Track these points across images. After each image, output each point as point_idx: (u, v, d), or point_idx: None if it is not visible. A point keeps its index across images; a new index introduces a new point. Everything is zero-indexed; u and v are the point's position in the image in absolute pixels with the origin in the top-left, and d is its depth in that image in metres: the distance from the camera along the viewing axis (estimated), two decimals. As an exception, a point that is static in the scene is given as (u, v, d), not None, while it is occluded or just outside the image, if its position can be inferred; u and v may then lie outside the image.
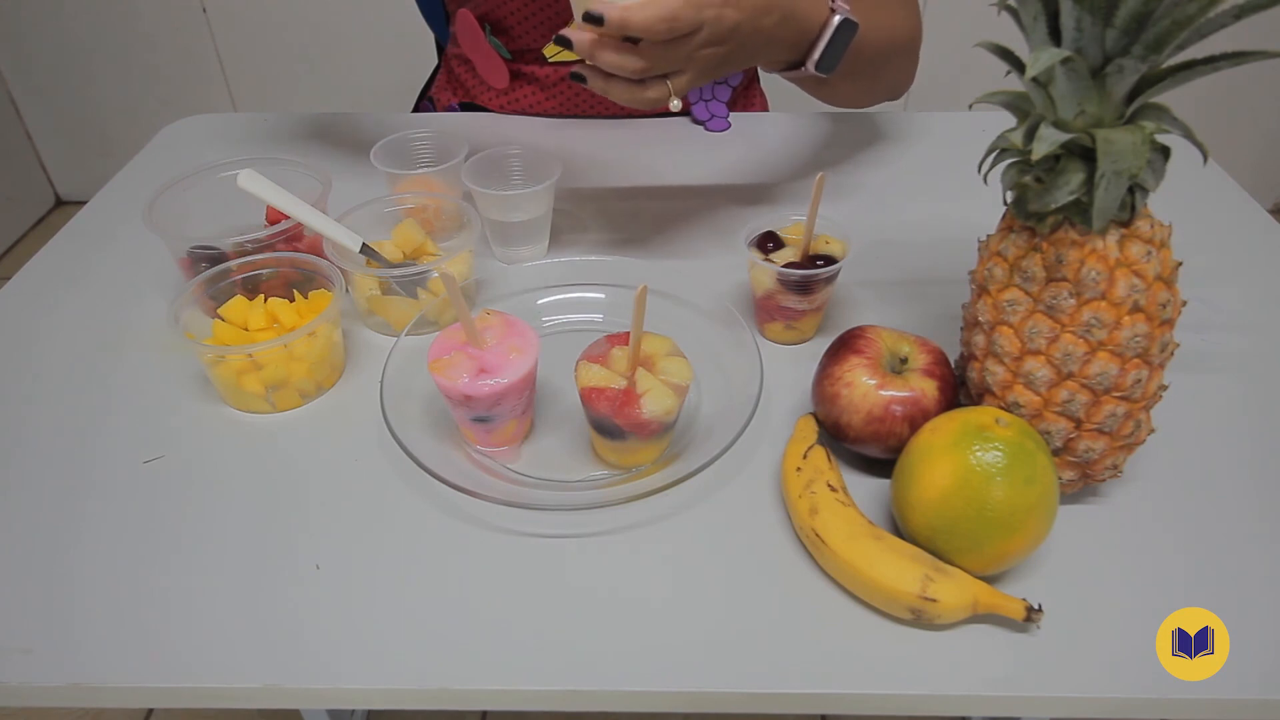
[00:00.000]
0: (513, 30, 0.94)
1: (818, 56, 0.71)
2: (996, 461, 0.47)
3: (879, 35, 0.78)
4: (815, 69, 0.71)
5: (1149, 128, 0.46)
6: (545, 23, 0.92)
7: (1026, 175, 0.50)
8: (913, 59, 0.89)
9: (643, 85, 0.60)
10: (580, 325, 0.71)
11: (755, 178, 0.90)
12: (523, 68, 0.98)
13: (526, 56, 0.97)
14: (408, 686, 0.48)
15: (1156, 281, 0.49)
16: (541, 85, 0.99)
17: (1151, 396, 0.52)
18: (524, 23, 0.93)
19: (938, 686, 0.47)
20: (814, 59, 0.71)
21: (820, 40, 0.70)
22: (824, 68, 0.72)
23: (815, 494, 0.53)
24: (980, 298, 0.54)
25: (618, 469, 0.59)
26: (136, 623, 0.50)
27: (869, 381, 0.56)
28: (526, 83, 0.99)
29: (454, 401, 0.57)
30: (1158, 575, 0.52)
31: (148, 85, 2.23)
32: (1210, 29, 0.43)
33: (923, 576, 0.48)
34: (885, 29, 0.80)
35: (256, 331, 0.65)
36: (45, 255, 0.82)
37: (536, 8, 0.91)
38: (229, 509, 0.57)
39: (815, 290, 0.66)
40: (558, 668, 0.48)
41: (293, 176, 0.74)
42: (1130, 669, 0.47)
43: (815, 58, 0.71)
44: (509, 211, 0.76)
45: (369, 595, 0.52)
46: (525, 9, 0.92)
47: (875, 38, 0.77)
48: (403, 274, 0.69)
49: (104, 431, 0.63)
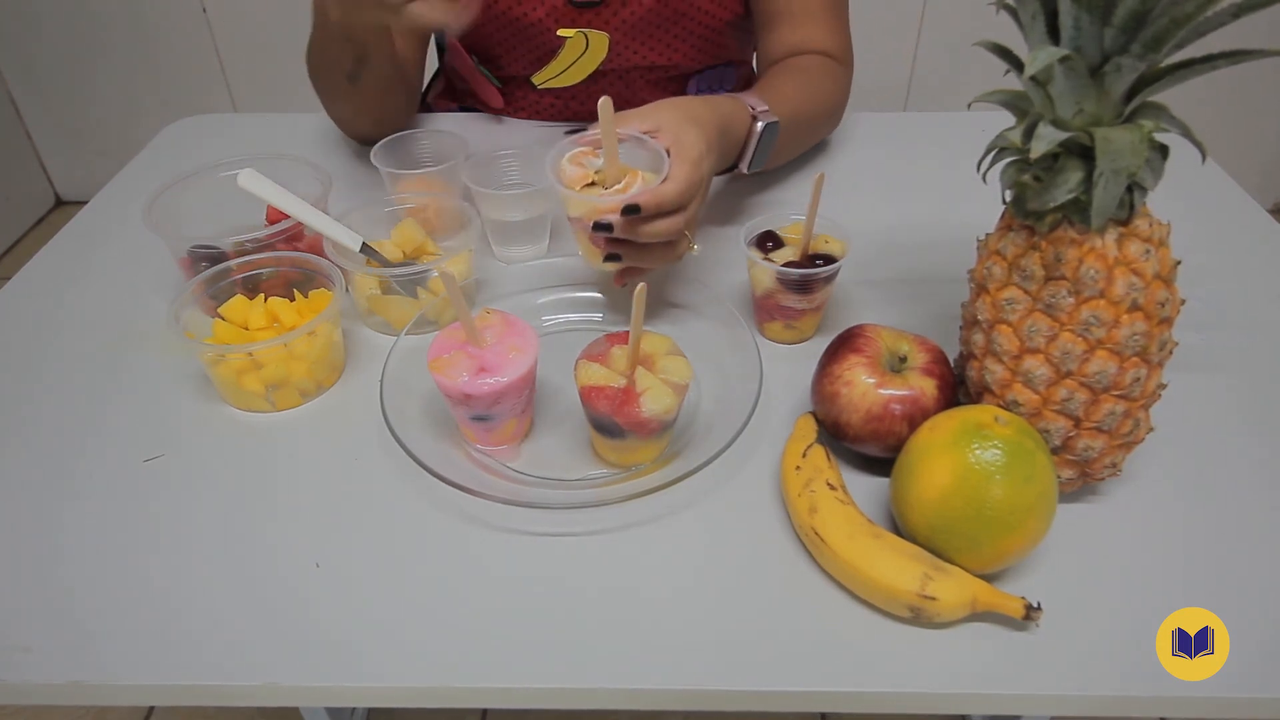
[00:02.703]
0: (500, 60, 0.96)
1: (749, 160, 0.78)
2: (995, 460, 0.47)
3: (808, 117, 0.87)
4: (748, 170, 0.79)
5: (1147, 126, 0.46)
6: (529, 54, 0.94)
7: (1025, 174, 0.50)
8: (835, 121, 0.96)
9: (673, 244, 0.66)
10: (580, 325, 0.71)
11: (755, 178, 0.90)
12: (515, 91, 1.00)
13: (517, 82, 0.98)
14: (407, 684, 0.48)
15: (1155, 280, 0.49)
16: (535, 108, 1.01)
17: (1150, 395, 0.52)
18: (509, 54, 0.95)
19: (937, 684, 0.47)
20: (746, 161, 0.79)
21: (749, 147, 0.78)
22: (755, 167, 0.79)
23: (815, 493, 0.53)
24: (979, 296, 0.54)
25: (617, 468, 0.59)
26: (136, 621, 0.50)
27: (868, 380, 0.56)
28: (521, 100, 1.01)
29: (454, 400, 0.57)
30: (1157, 574, 0.52)
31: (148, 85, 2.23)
32: (1208, 28, 0.43)
33: (922, 575, 0.48)
34: (813, 109, 0.87)
35: (256, 331, 0.65)
36: (45, 255, 0.82)
37: (519, 40, 0.93)
38: (229, 508, 0.57)
39: (814, 289, 0.66)
40: (557, 666, 0.48)
41: (293, 176, 0.74)
42: (1129, 667, 0.47)
43: (748, 161, 0.78)
44: (509, 211, 0.76)
45: (368, 593, 0.52)
46: (509, 41, 0.94)
47: (804, 120, 0.85)
48: (403, 273, 0.69)
49: (104, 430, 0.63)
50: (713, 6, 0.91)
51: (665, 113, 0.67)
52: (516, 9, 0.90)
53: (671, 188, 0.62)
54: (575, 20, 0.90)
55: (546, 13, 0.89)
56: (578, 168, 0.65)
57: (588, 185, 0.64)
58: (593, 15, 0.90)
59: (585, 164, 0.65)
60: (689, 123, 0.66)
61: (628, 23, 0.90)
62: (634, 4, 0.89)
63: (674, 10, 0.90)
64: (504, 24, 0.92)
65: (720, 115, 0.71)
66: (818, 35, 0.90)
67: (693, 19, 0.92)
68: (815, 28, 0.90)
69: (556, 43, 0.91)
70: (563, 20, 0.90)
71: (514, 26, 0.91)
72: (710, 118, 0.69)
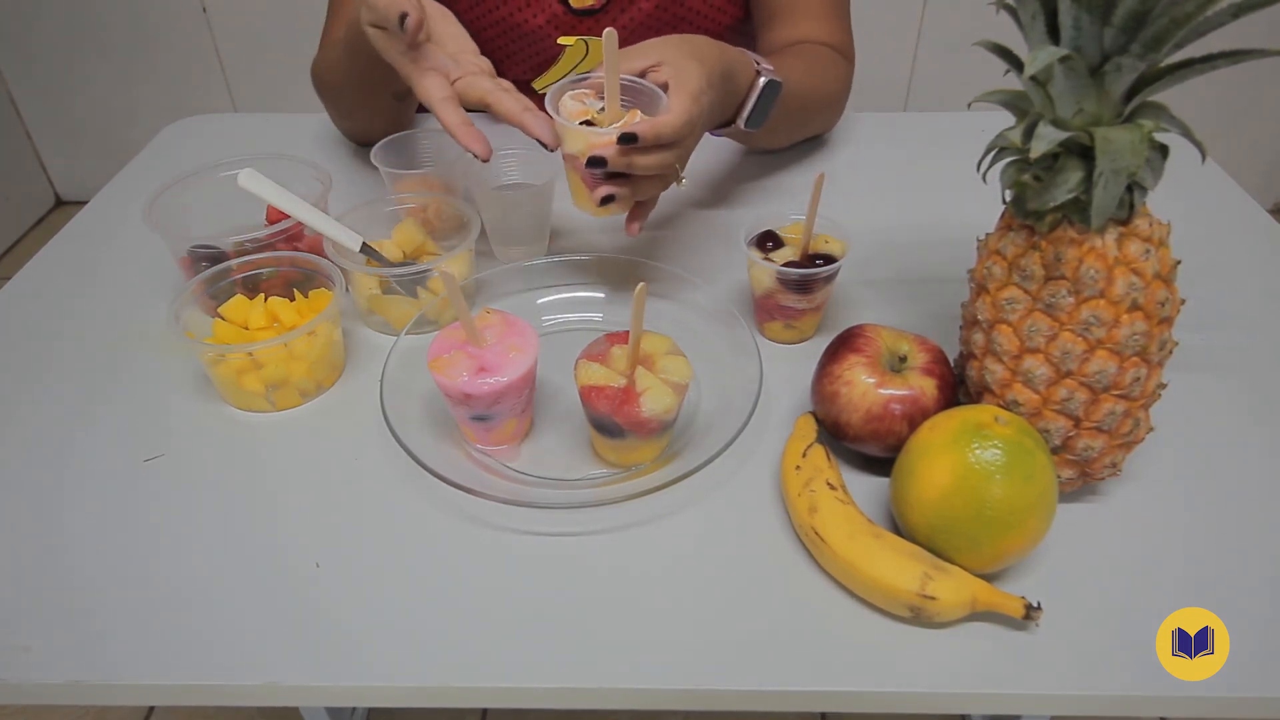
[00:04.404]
0: (501, 66, 0.97)
1: (746, 114, 0.76)
2: (995, 460, 0.47)
3: (808, 94, 0.85)
4: (745, 125, 0.76)
5: (1147, 126, 0.46)
6: (530, 60, 0.95)
7: (1025, 174, 0.50)
8: (837, 112, 0.95)
9: (664, 178, 0.66)
10: (580, 324, 0.71)
11: (755, 177, 0.90)
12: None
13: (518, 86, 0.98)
14: (407, 684, 0.48)
15: (1155, 280, 0.49)
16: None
17: (1150, 395, 0.52)
18: (510, 60, 0.96)
19: (936, 684, 0.47)
20: (743, 116, 0.76)
21: (748, 100, 0.75)
22: (752, 124, 0.77)
23: (815, 492, 0.53)
24: (979, 296, 0.54)
25: (617, 467, 0.59)
26: (137, 620, 0.50)
27: (868, 380, 0.56)
28: None
29: (454, 400, 0.57)
30: (1157, 574, 0.52)
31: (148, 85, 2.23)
32: (1208, 27, 0.43)
33: (922, 574, 0.48)
34: (814, 89, 0.86)
35: (256, 330, 0.65)
36: (45, 255, 0.82)
37: (520, 47, 0.94)
38: (229, 508, 0.57)
39: (814, 289, 0.66)
40: (557, 665, 0.48)
41: (293, 176, 0.74)
42: (1129, 667, 0.47)
43: (745, 115, 0.76)
44: (509, 211, 0.76)
45: (368, 593, 0.52)
46: (510, 47, 0.94)
47: (804, 96, 0.84)
48: (403, 273, 0.69)
49: (104, 430, 0.63)
50: (712, 11, 0.91)
51: (669, 48, 0.66)
52: (517, 16, 0.90)
53: (669, 119, 0.61)
54: (575, 27, 0.91)
55: (547, 20, 0.90)
56: (578, 104, 0.64)
57: (584, 123, 0.63)
58: (592, 22, 0.90)
59: (586, 103, 0.65)
60: (691, 58, 0.66)
61: (627, 29, 0.90)
62: (633, 10, 0.89)
63: (673, 16, 0.90)
64: (504, 30, 0.92)
65: (725, 58, 0.70)
66: (819, 32, 0.90)
67: (692, 24, 0.92)
68: (816, 24, 0.90)
69: (557, 50, 0.92)
70: (562, 27, 0.91)
71: (515, 33, 0.92)
72: (715, 57, 0.69)
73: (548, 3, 0.89)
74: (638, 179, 0.64)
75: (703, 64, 0.66)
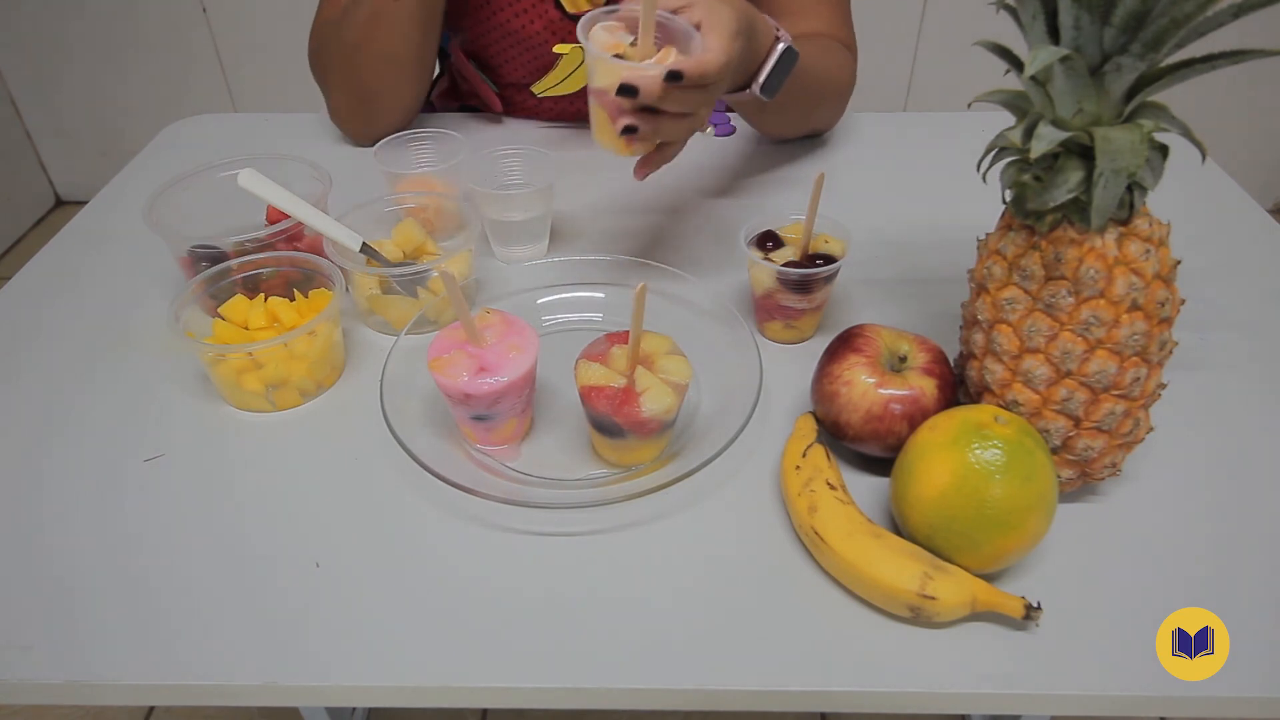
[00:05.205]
0: (500, 69, 0.97)
1: (763, 79, 0.75)
2: (995, 460, 0.47)
3: (818, 75, 0.85)
4: (760, 91, 0.75)
5: (1147, 126, 0.46)
6: (528, 64, 0.95)
7: (1025, 174, 0.50)
8: (843, 103, 0.95)
9: (692, 118, 0.65)
10: (580, 324, 0.71)
11: (755, 177, 0.90)
12: (514, 97, 1.00)
13: (516, 89, 0.98)
14: (408, 684, 0.48)
15: (1155, 280, 0.49)
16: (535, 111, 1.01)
17: (1150, 395, 0.52)
18: (509, 64, 0.96)
19: (937, 684, 0.47)
20: (759, 81, 0.75)
21: (766, 64, 0.74)
22: (768, 90, 0.75)
23: (814, 492, 0.53)
24: (979, 296, 0.54)
25: (617, 467, 0.59)
26: (136, 620, 0.50)
27: (868, 380, 0.56)
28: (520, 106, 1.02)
29: (454, 400, 0.57)
30: (1158, 574, 0.52)
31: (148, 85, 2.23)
32: (1208, 27, 0.43)
33: (922, 574, 0.48)
34: (824, 72, 0.86)
35: (257, 330, 0.65)
36: (45, 255, 0.82)
37: (518, 51, 0.94)
38: (229, 508, 0.57)
39: (814, 289, 0.66)
40: (557, 666, 0.48)
41: (293, 176, 0.74)
42: (1129, 667, 0.47)
43: (761, 80, 0.75)
44: (509, 211, 0.76)
45: (369, 593, 0.52)
46: (509, 52, 0.94)
47: (815, 76, 0.84)
48: (403, 273, 0.69)
49: (104, 430, 0.63)
50: None
51: None
52: (515, 21, 0.90)
53: (712, 58, 0.61)
54: (571, 33, 0.91)
55: (544, 25, 0.90)
56: (610, 36, 0.63)
57: (615, 56, 0.62)
58: None
59: (617, 36, 0.63)
60: (722, 2, 0.65)
61: None
62: None
63: None
64: (503, 35, 0.92)
65: (750, 11, 0.70)
66: (823, 27, 0.90)
67: None
68: (817, 20, 0.90)
69: (555, 56, 0.92)
70: (559, 33, 0.91)
71: (514, 38, 0.92)
72: (743, 5, 0.68)
73: (544, 9, 0.90)
74: (664, 117, 0.63)
75: (734, 8, 0.65)
